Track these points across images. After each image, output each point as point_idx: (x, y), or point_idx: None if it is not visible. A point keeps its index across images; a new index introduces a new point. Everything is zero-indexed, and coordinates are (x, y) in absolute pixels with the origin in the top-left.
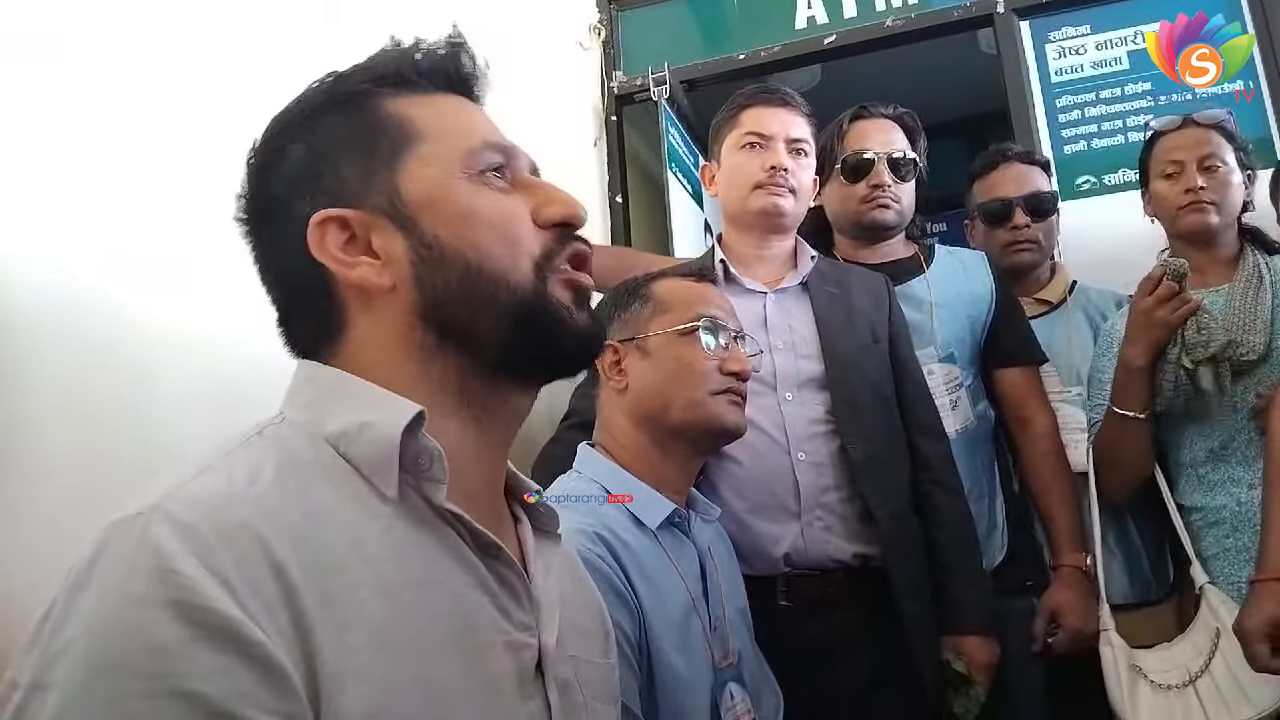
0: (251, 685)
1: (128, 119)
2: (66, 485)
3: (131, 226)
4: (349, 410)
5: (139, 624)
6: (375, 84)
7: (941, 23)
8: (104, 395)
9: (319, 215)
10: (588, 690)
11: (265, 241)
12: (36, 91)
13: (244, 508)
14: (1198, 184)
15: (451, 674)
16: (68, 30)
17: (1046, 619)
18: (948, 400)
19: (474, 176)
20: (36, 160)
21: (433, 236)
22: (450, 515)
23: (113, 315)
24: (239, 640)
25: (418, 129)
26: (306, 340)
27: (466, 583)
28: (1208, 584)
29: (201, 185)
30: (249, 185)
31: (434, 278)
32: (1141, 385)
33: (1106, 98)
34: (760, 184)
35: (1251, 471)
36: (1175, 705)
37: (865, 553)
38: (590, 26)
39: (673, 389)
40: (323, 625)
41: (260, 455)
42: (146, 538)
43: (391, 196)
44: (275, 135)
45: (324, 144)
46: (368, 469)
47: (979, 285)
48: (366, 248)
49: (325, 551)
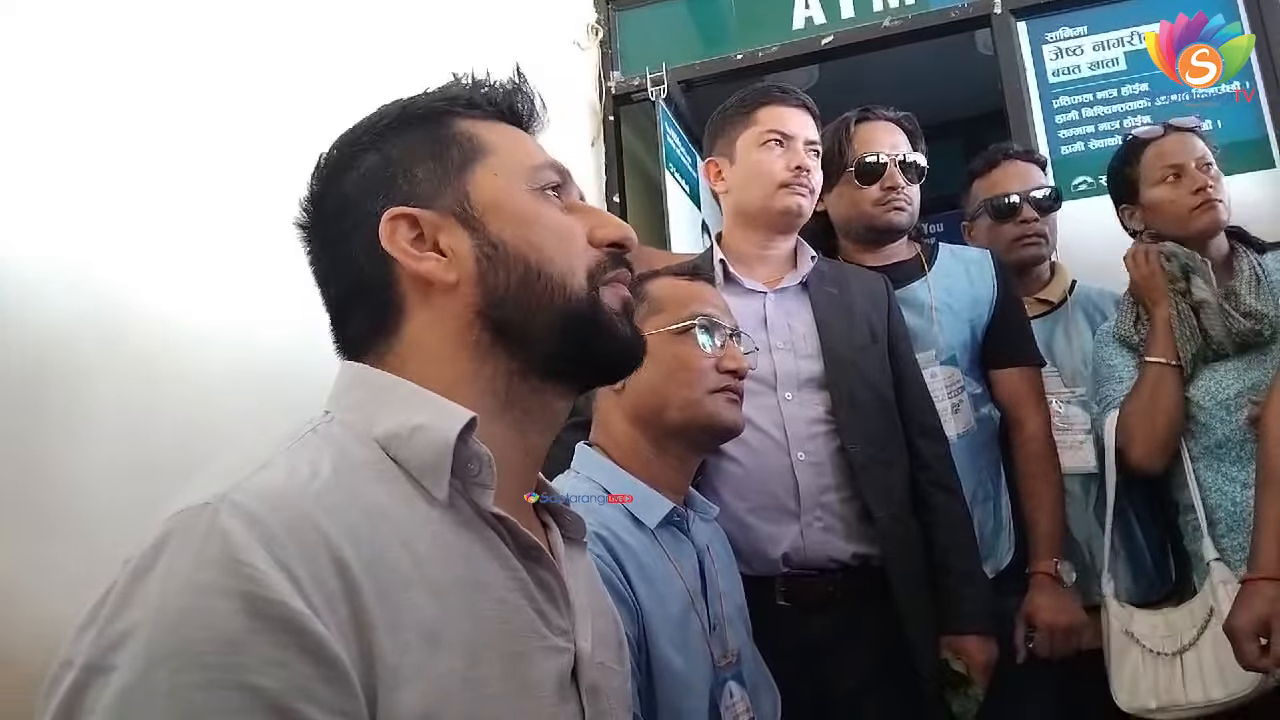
0: (311, 680)
1: (164, 128)
2: (107, 494)
3: (170, 235)
4: (399, 413)
5: (205, 613)
6: (448, 104)
7: (938, 23)
8: (102, 397)
9: (391, 211)
10: (612, 697)
11: (330, 238)
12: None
13: (307, 503)
14: (1206, 181)
15: (496, 676)
16: (103, 40)
17: (1024, 625)
18: (949, 404)
19: (536, 191)
20: (72, 168)
21: (498, 238)
22: (495, 519)
23: (152, 320)
24: (302, 634)
25: (486, 144)
26: (360, 335)
27: (509, 586)
28: (1215, 560)
29: (241, 192)
30: (318, 189)
31: (496, 276)
32: (1166, 331)
33: (1104, 98)
34: (785, 183)
35: (1247, 471)
36: (1161, 672)
37: (864, 553)
38: (588, 26)
39: (670, 388)
40: (381, 622)
41: (317, 452)
42: (215, 527)
43: (461, 200)
44: (347, 146)
45: (398, 152)
46: (418, 471)
47: (981, 287)
48: (434, 245)
49: (381, 550)
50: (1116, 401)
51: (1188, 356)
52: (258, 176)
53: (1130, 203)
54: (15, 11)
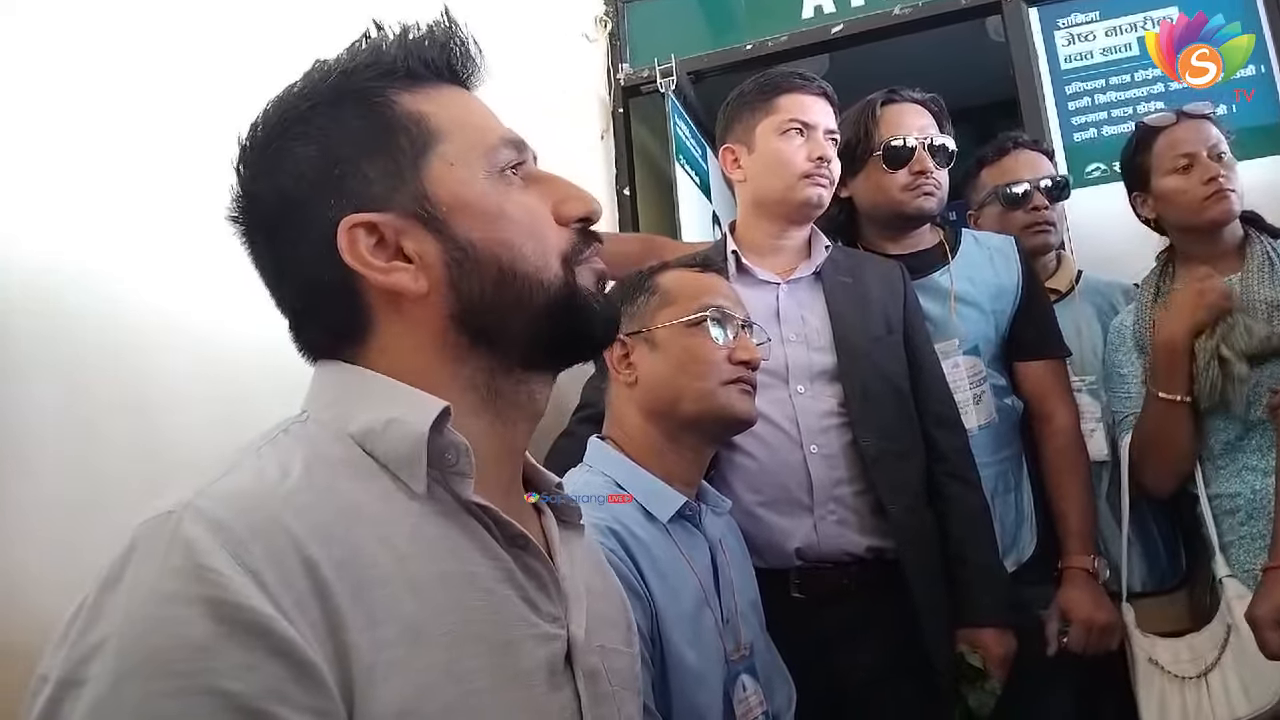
0: (282, 682)
1: (123, 114)
2: (62, 487)
3: (128, 225)
4: (374, 408)
5: (171, 621)
6: (384, 80)
7: (949, 10)
8: (102, 397)
9: (349, 220)
10: (615, 679)
11: (279, 244)
12: (34, 87)
13: (275, 504)
14: (1218, 171)
15: (482, 667)
16: (72, 32)
17: (1058, 619)
18: (972, 394)
19: (495, 175)
20: (32, 156)
21: (466, 240)
22: (478, 508)
23: (110, 315)
24: (270, 636)
25: (435, 127)
26: (323, 343)
27: (495, 576)
28: (1227, 576)
29: (198, 180)
30: (251, 184)
31: (469, 281)
32: (1183, 365)
33: (1116, 84)
34: (807, 174)
35: (1267, 460)
36: (1189, 696)
37: (879, 546)
38: (596, 19)
39: (683, 380)
40: (355, 621)
41: (288, 453)
42: (179, 535)
43: (419, 199)
44: (275, 133)
45: (338, 144)
46: (395, 465)
47: (1006, 276)
48: (397, 252)
49: (356, 548)
50: (1127, 416)
51: (1200, 403)
52: None
53: (1142, 190)
54: (15, 11)
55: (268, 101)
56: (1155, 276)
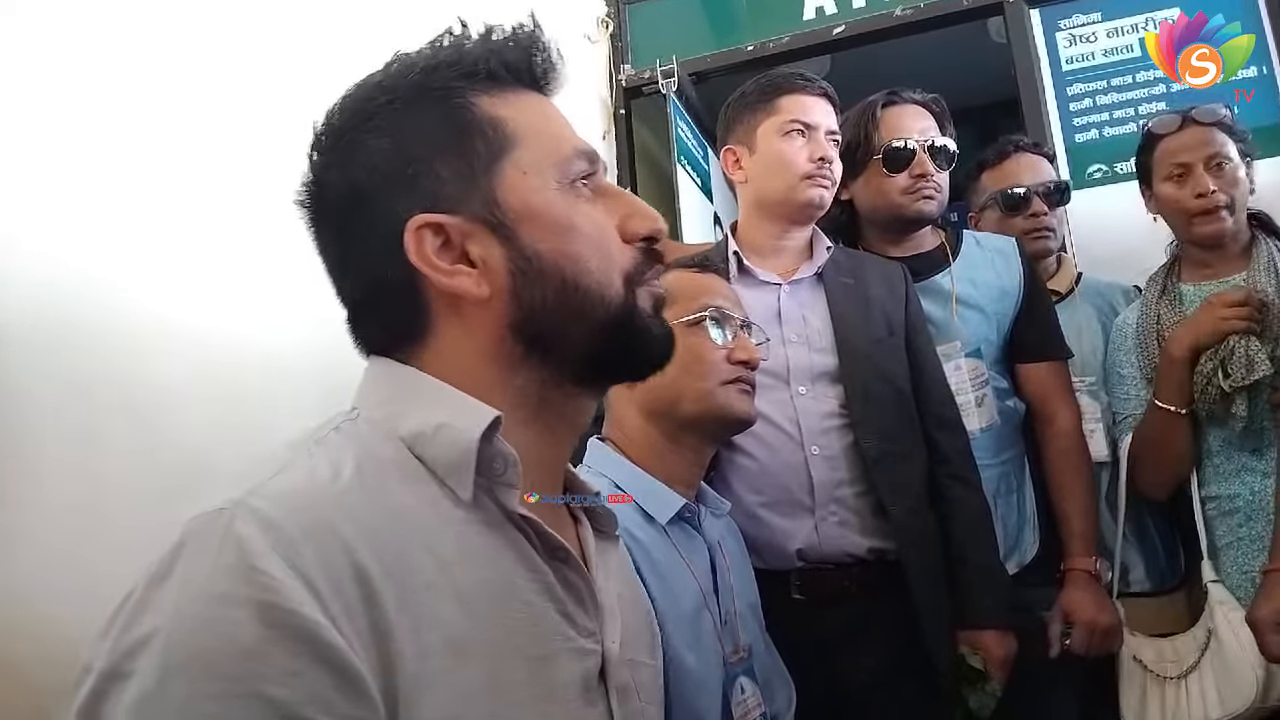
0: (327, 690)
1: (122, 120)
2: (62, 489)
3: (127, 231)
4: (425, 410)
5: (220, 622)
6: (467, 80)
7: (951, 11)
8: (101, 401)
9: (418, 220)
10: (643, 694)
11: (345, 235)
12: (34, 93)
13: (327, 506)
14: (1209, 187)
15: (520, 680)
16: (71, 36)
17: (1060, 621)
18: (974, 396)
19: (566, 186)
20: (32, 162)
21: (533, 250)
22: (521, 519)
23: (109, 320)
24: (316, 643)
25: (512, 133)
26: (379, 339)
27: (534, 588)
28: (1212, 582)
29: (197, 186)
30: (322, 172)
31: (531, 290)
32: (1182, 378)
33: (1118, 85)
34: (809, 175)
35: (1266, 461)
36: (1169, 696)
37: (880, 547)
38: (598, 20)
39: (682, 380)
40: (400, 628)
41: (339, 452)
42: (231, 532)
43: (490, 204)
44: (353, 124)
45: (414, 141)
46: (442, 471)
47: (1008, 278)
48: (462, 255)
49: (404, 554)
50: (1127, 417)
51: (1201, 415)
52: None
53: (1148, 188)
54: (15, 11)
55: (346, 90)
56: (1163, 273)
